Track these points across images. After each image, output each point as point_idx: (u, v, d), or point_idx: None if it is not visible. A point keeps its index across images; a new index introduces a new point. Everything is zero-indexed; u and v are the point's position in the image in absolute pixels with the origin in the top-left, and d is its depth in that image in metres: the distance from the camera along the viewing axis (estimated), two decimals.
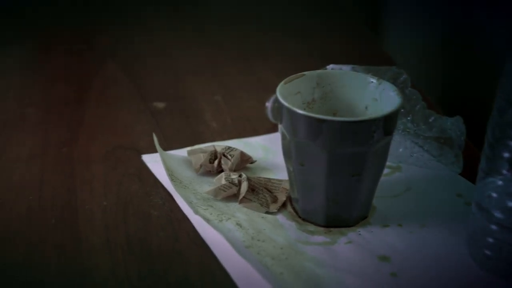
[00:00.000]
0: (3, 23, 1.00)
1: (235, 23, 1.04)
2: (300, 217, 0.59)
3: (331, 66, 0.67)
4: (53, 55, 0.92)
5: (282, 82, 0.58)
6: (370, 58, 0.89)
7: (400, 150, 0.65)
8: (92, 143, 0.71)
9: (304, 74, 0.59)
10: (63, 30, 1.00)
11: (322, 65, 0.66)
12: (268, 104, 0.73)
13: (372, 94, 0.58)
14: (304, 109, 0.55)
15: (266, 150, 0.69)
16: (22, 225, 0.59)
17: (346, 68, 0.65)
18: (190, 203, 0.59)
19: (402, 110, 0.64)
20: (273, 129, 0.73)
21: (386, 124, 0.54)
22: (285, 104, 0.55)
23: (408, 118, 0.65)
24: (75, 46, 0.95)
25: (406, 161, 0.65)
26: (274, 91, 0.73)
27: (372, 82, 0.59)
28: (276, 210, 0.60)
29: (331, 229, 0.58)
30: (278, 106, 0.72)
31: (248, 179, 0.61)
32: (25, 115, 0.76)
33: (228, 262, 0.54)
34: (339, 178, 0.55)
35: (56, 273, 0.53)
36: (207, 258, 0.55)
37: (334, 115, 0.59)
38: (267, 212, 0.60)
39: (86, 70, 0.88)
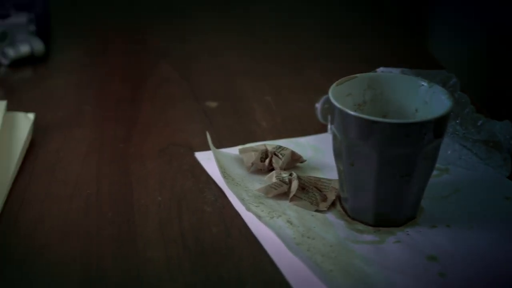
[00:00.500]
0: (63, 25, 1.01)
1: (285, 24, 1.04)
2: (349, 216, 0.59)
3: (381, 69, 0.66)
4: (109, 55, 0.93)
5: (334, 84, 0.58)
6: (417, 62, 0.88)
7: (449, 152, 0.64)
8: (147, 140, 0.71)
9: (355, 77, 0.59)
10: (118, 31, 1.01)
11: (368, 68, 0.66)
12: (318, 105, 0.73)
13: (423, 97, 0.58)
14: (355, 111, 0.54)
15: (316, 150, 0.68)
16: (80, 218, 0.59)
17: (396, 71, 0.65)
18: (242, 200, 0.59)
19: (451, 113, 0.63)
20: (322, 129, 0.72)
21: (437, 127, 0.53)
22: (337, 105, 0.54)
23: (457, 121, 0.64)
24: (131, 47, 0.95)
25: (454, 163, 0.65)
26: (323, 93, 0.73)
27: (423, 85, 0.58)
28: (325, 209, 0.60)
29: (380, 228, 0.57)
30: (328, 107, 0.72)
31: (299, 178, 0.61)
32: (83, 112, 0.77)
33: (279, 258, 0.54)
34: (388, 178, 0.55)
35: (112, 266, 0.54)
36: (259, 254, 0.55)
37: (384, 117, 0.59)
38: (316, 210, 0.60)
39: (141, 70, 0.88)
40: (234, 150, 0.68)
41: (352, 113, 0.54)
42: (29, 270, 0.53)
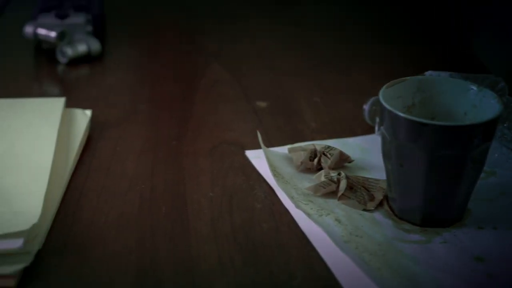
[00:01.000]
0: (117, 26, 1.02)
1: (334, 27, 1.04)
2: (396, 215, 0.59)
3: (429, 72, 0.66)
4: (162, 55, 0.93)
5: (385, 86, 0.57)
6: (465, 66, 0.87)
7: (496, 155, 0.63)
8: (199, 138, 0.72)
9: (405, 79, 0.59)
10: (170, 32, 1.01)
11: (414, 71, 0.65)
12: (366, 107, 0.73)
13: (472, 101, 0.57)
14: (404, 113, 0.54)
15: (363, 150, 0.68)
16: (135, 212, 0.60)
17: (444, 74, 0.65)
18: (291, 198, 0.60)
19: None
20: (369, 130, 0.72)
21: (486, 130, 0.53)
22: (388, 107, 0.54)
23: (505, 125, 0.63)
24: (183, 47, 0.96)
25: (501, 166, 0.64)
26: (370, 95, 0.73)
27: (472, 89, 0.58)
28: (373, 208, 0.60)
29: (426, 228, 0.57)
30: (375, 109, 0.72)
31: (347, 177, 0.61)
32: (137, 110, 0.78)
33: (328, 254, 0.54)
34: (437, 180, 0.54)
35: (166, 259, 0.54)
36: (307, 250, 0.55)
37: (433, 119, 0.59)
38: (364, 210, 0.59)
39: (193, 70, 0.89)
40: (284, 149, 0.68)
41: (402, 115, 0.53)
42: (87, 260, 0.54)
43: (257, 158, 0.67)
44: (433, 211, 0.56)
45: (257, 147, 0.68)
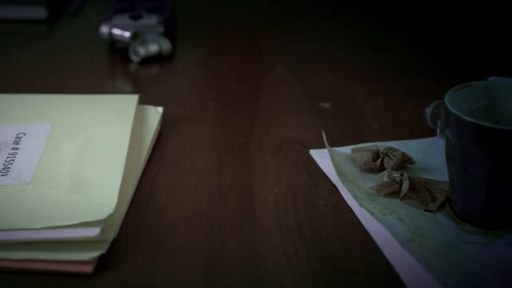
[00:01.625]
0: (186, 27, 1.03)
1: (398, 30, 1.03)
2: (458, 217, 0.58)
3: (493, 78, 0.65)
4: (228, 56, 0.94)
5: (450, 91, 0.57)
6: None
7: None
8: (265, 136, 0.72)
9: (470, 84, 0.58)
10: (237, 34, 1.02)
11: (478, 76, 0.64)
12: (428, 110, 0.72)
13: None
14: (469, 117, 0.53)
15: (425, 152, 0.68)
16: (204, 206, 0.61)
17: (508, 80, 0.64)
18: (355, 196, 0.60)
19: None
20: (431, 133, 0.72)
21: None
22: (453, 111, 0.54)
23: None
24: (248, 49, 0.96)
25: None
26: (432, 98, 0.72)
27: None
28: (435, 209, 0.59)
29: (488, 230, 0.56)
30: (437, 112, 0.71)
31: (409, 178, 0.61)
32: (206, 108, 0.78)
33: (390, 252, 0.54)
34: (500, 183, 0.54)
35: (235, 251, 0.55)
36: (370, 247, 0.55)
37: (497, 124, 0.58)
38: (426, 210, 0.59)
39: (258, 71, 0.89)
40: (346, 149, 0.68)
41: (467, 119, 0.53)
42: (159, 250, 0.55)
43: (321, 157, 0.67)
44: (495, 214, 0.56)
45: (321, 146, 0.68)
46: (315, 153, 0.68)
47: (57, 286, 0.51)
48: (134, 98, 0.73)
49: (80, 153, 0.64)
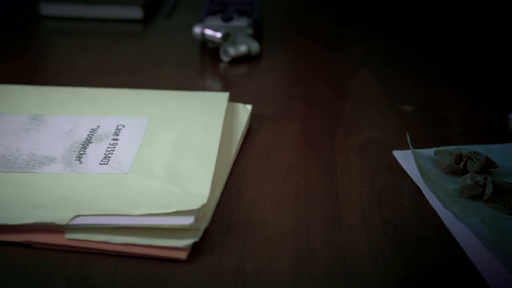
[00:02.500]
0: (275, 30, 1.03)
1: (477, 36, 1.01)
2: None
3: None
4: (313, 58, 0.94)
5: None
6: None
7: None
8: (349, 136, 0.72)
9: None
10: (321, 37, 1.02)
11: None
12: (511, 116, 0.71)
13: None
14: None
15: (509, 157, 0.66)
16: (291, 201, 0.61)
17: None
18: (438, 198, 0.59)
19: None
20: None
21: None
22: None
23: None
24: (332, 53, 0.96)
25: None
26: None
27: None
28: None
29: None
30: None
31: (493, 182, 0.60)
32: (292, 108, 0.79)
33: (474, 254, 0.53)
34: None
35: (320, 245, 0.55)
36: (453, 248, 0.54)
37: None
38: (509, 214, 0.58)
39: (342, 73, 0.89)
40: (429, 152, 0.67)
41: None
42: (248, 240, 0.55)
43: (404, 158, 0.66)
44: None
45: (404, 147, 0.67)
46: (398, 154, 0.67)
47: (153, 270, 0.52)
48: (225, 95, 0.74)
49: (174, 146, 0.65)
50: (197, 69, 0.90)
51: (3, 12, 1.09)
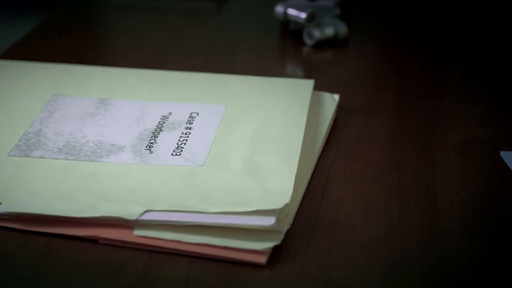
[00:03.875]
0: (365, 11, 1.02)
1: None
2: None
3: None
4: (407, 45, 0.93)
5: None
6: None
7: None
8: (449, 132, 0.71)
9: None
10: (415, 23, 1.01)
11: None
12: None
13: None
14: None
15: None
16: (383, 203, 0.60)
17: None
18: None
19: None
20: None
21: None
22: None
23: None
24: (430, 37, 0.95)
25: None
26: None
27: None
28: None
29: None
30: None
31: None
32: (383, 98, 0.78)
33: None
34: None
35: (416, 253, 0.54)
36: None
37: None
38: None
39: (439, 63, 0.87)
40: None
41: None
42: (335, 245, 0.55)
43: None
44: None
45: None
46: (506, 156, 0.66)
47: (229, 274, 0.52)
48: (310, 83, 0.74)
49: (253, 138, 0.65)
50: (277, 52, 0.90)
51: None
